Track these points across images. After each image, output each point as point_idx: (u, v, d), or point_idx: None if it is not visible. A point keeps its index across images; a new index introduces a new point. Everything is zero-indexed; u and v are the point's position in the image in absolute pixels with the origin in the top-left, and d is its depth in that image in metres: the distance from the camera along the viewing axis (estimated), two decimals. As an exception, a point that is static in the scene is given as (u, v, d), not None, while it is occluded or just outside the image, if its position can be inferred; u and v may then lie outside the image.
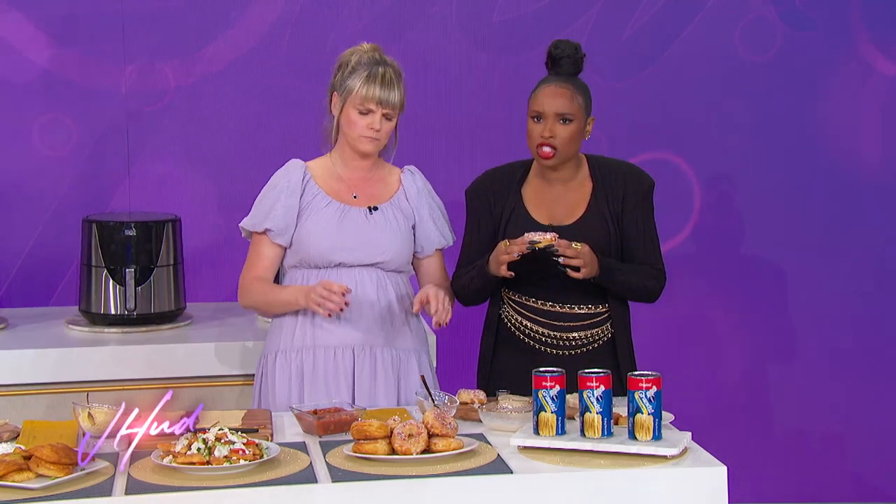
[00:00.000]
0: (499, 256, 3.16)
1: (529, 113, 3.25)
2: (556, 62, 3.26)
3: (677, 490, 2.62)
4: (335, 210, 3.22)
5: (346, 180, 3.27)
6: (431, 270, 3.35)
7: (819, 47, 4.60)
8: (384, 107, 3.17)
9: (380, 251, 3.23)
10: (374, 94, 3.15)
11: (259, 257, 3.27)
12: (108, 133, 4.29)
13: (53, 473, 2.50)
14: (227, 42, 4.33)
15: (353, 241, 3.21)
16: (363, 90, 3.16)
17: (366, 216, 3.23)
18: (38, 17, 4.23)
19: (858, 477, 4.76)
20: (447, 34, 4.42)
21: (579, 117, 3.23)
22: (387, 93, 3.16)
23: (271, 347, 3.30)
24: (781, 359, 4.72)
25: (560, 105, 3.21)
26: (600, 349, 3.32)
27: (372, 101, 3.16)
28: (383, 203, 3.27)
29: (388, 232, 3.24)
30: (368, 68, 3.17)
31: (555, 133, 3.21)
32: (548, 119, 3.21)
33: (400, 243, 3.26)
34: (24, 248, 4.28)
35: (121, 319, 3.87)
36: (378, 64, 3.18)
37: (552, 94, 3.22)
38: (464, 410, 3.00)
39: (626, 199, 3.31)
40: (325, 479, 2.56)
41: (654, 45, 4.54)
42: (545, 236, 3.10)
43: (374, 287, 3.23)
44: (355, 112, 3.18)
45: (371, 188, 3.29)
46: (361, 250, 3.21)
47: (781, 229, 4.66)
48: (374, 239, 3.22)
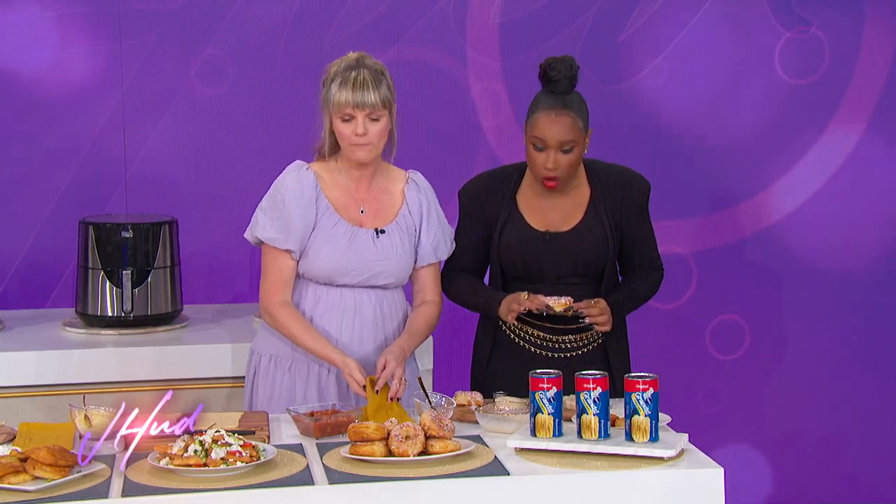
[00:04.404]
0: (511, 305, 3.20)
1: (529, 138, 3.22)
2: (552, 83, 3.22)
3: (674, 492, 2.62)
4: (344, 231, 3.18)
5: (352, 192, 3.23)
6: (425, 280, 3.31)
7: (820, 47, 4.60)
8: (362, 109, 3.11)
9: (384, 276, 3.22)
10: (347, 98, 3.10)
11: (280, 276, 3.19)
12: (104, 134, 4.29)
13: (50, 476, 2.50)
14: (226, 42, 4.33)
15: (360, 266, 3.19)
16: (338, 97, 3.11)
17: (373, 240, 3.20)
18: (38, 17, 4.23)
19: (853, 478, 4.77)
20: (445, 36, 4.42)
21: (580, 141, 3.21)
22: (360, 94, 3.10)
23: (265, 349, 3.29)
24: (777, 361, 4.73)
25: (561, 134, 3.17)
26: (595, 350, 3.33)
27: (348, 106, 3.10)
28: (389, 223, 3.24)
29: (393, 256, 3.22)
30: (342, 75, 3.12)
31: (558, 164, 3.20)
32: (550, 150, 3.19)
33: (403, 266, 3.25)
34: (20, 249, 4.28)
35: (117, 321, 3.87)
36: (352, 69, 3.13)
37: (553, 123, 3.17)
38: (461, 412, 3.00)
39: (626, 206, 3.32)
40: (322, 481, 2.56)
41: (651, 48, 4.54)
42: (559, 301, 3.18)
43: (372, 308, 3.23)
44: (339, 122, 3.14)
45: (377, 201, 3.25)
46: (366, 274, 3.20)
47: (778, 231, 4.67)
48: (380, 264, 3.20)
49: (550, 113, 3.18)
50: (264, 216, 3.20)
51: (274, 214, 3.18)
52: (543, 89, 3.24)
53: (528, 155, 3.24)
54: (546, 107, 3.20)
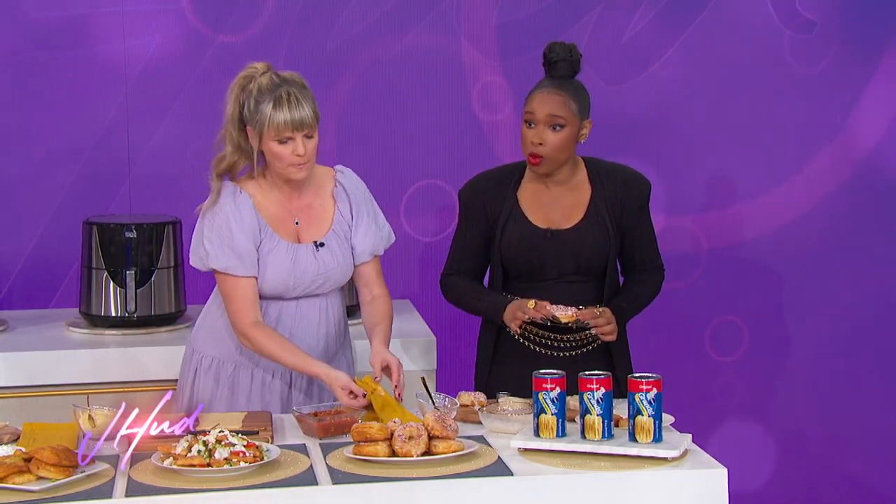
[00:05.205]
0: (517, 313, 3.19)
1: (524, 116, 3.25)
2: (551, 65, 3.25)
3: (678, 492, 2.62)
4: (285, 251, 3.15)
5: (285, 204, 3.18)
6: (368, 275, 3.30)
7: (820, 48, 4.60)
8: (301, 129, 3.03)
9: (327, 285, 3.22)
10: (286, 119, 3.00)
11: (246, 297, 3.13)
12: (108, 135, 4.29)
13: (54, 476, 2.50)
14: (227, 43, 4.33)
15: (304, 281, 3.18)
16: (275, 118, 3.00)
17: (314, 255, 3.18)
18: (38, 17, 4.23)
19: (854, 478, 4.76)
20: (447, 37, 4.42)
21: (572, 122, 3.22)
22: (298, 113, 3.01)
23: (206, 350, 3.27)
24: (780, 361, 4.72)
25: (551, 109, 3.20)
26: (598, 349, 3.33)
27: (287, 129, 3.01)
28: (327, 233, 3.21)
29: (335, 266, 3.21)
30: (272, 94, 3.02)
31: (545, 140, 3.21)
32: (538, 125, 3.21)
33: (344, 273, 3.25)
34: (24, 250, 4.28)
35: (121, 321, 3.87)
36: (279, 86, 3.03)
37: (544, 100, 3.21)
38: (464, 412, 3.00)
39: (626, 205, 3.32)
40: (326, 482, 2.57)
41: (655, 48, 4.54)
42: (567, 312, 3.17)
43: (316, 315, 3.23)
44: (275, 143, 3.04)
45: (310, 210, 3.21)
46: (311, 286, 3.20)
47: (780, 231, 4.66)
48: (323, 275, 3.20)
49: (543, 91, 3.23)
50: (212, 246, 3.13)
51: (222, 243, 3.12)
52: (545, 75, 3.27)
53: (521, 136, 3.27)
54: (541, 87, 3.24)
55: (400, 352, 3.71)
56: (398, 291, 4.36)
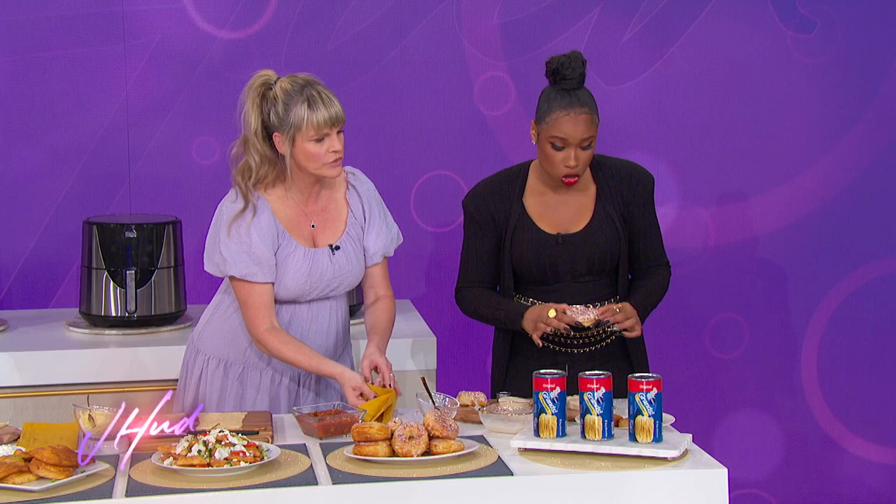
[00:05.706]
0: (538, 324, 3.16)
1: (547, 138, 3.19)
2: (566, 80, 3.20)
3: (678, 492, 2.62)
4: (303, 256, 3.15)
5: (301, 207, 3.18)
6: (375, 276, 3.31)
7: (821, 48, 4.60)
8: (337, 125, 3.06)
9: (341, 288, 3.23)
10: (325, 117, 3.02)
11: (262, 303, 3.13)
12: (108, 134, 4.29)
13: (54, 476, 2.50)
14: (227, 43, 4.33)
15: (320, 285, 3.19)
16: (313, 118, 3.02)
17: (330, 259, 3.18)
18: (38, 17, 4.23)
19: (855, 479, 4.76)
20: (447, 37, 4.42)
21: (596, 135, 3.22)
22: (333, 109, 3.04)
23: (213, 351, 3.27)
24: (780, 359, 4.72)
25: (584, 133, 3.17)
26: (615, 343, 3.33)
27: (326, 126, 3.03)
28: (341, 236, 3.22)
29: (349, 269, 3.22)
30: (301, 95, 3.04)
31: (579, 159, 3.20)
32: (571, 148, 3.19)
33: (358, 276, 3.26)
34: (24, 249, 4.28)
35: (121, 321, 3.87)
36: (304, 87, 3.05)
37: (576, 123, 3.16)
38: (464, 412, 3.00)
39: (632, 201, 3.32)
40: (326, 481, 2.57)
41: (655, 48, 4.54)
42: (588, 316, 3.15)
43: (327, 317, 3.24)
44: (311, 144, 3.05)
45: (325, 213, 3.22)
46: (326, 290, 3.21)
47: (785, 231, 4.66)
48: (338, 279, 3.21)
49: (570, 112, 3.17)
50: (230, 253, 3.12)
51: (241, 249, 3.11)
52: (554, 86, 3.22)
53: (544, 154, 3.22)
54: (564, 105, 3.18)
55: (400, 352, 3.71)
56: (407, 285, 4.36)
